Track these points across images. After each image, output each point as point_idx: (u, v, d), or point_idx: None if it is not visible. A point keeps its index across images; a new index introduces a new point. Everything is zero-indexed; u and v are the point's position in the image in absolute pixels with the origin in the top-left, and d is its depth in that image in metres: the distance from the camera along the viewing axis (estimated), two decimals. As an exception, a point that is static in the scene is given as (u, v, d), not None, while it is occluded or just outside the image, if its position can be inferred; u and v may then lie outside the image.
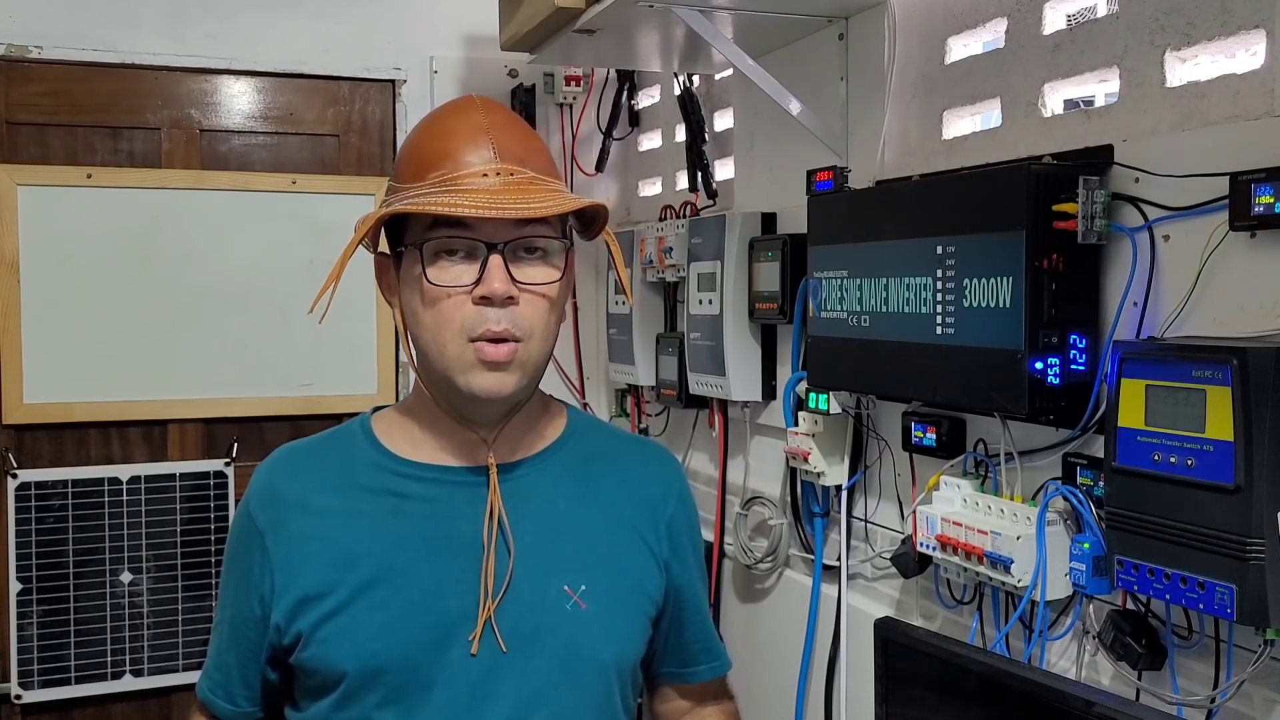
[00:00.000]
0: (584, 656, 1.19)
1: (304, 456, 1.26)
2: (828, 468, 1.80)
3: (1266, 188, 1.09)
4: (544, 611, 1.18)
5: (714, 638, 1.38)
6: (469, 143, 1.14)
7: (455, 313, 1.13)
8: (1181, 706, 1.21)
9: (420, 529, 1.18)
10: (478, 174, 1.12)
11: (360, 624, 1.15)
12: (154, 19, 2.54)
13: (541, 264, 1.17)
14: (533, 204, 1.12)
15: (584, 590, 1.20)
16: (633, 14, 1.79)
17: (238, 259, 2.59)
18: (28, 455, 2.48)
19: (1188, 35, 1.24)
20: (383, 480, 1.21)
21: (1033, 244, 1.28)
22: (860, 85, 1.80)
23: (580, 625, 1.19)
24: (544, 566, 1.19)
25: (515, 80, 2.77)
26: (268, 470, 1.25)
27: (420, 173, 1.14)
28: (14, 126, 2.47)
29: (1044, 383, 1.29)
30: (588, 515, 1.24)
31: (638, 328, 2.43)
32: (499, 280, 1.12)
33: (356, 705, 1.16)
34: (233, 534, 1.26)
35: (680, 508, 1.33)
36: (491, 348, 1.13)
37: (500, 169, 1.13)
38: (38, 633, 2.41)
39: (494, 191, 1.12)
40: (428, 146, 1.16)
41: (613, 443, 1.34)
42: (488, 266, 1.12)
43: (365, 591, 1.16)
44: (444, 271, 1.13)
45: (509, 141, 1.16)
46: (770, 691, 2.05)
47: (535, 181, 1.15)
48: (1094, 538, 1.27)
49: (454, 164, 1.13)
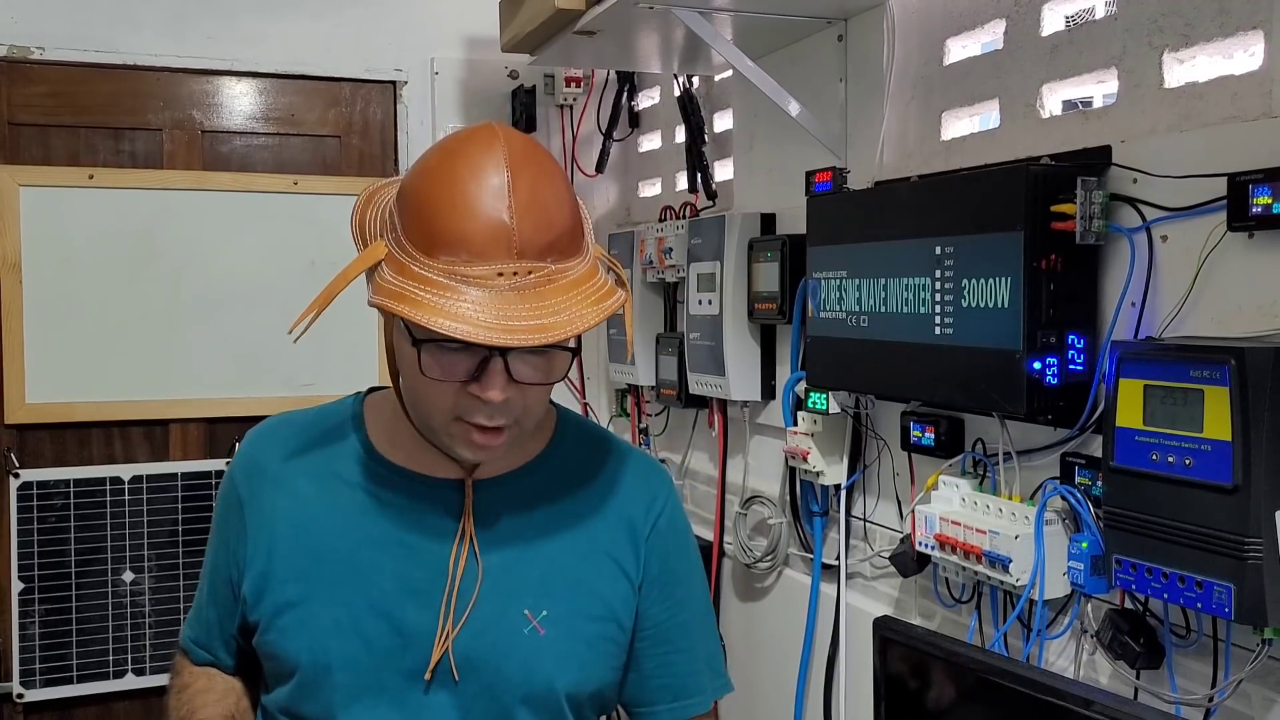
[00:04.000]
0: (536, 683, 1.15)
1: (292, 434, 1.24)
2: (827, 467, 1.80)
3: (1264, 188, 1.10)
4: (499, 635, 1.15)
5: (686, 675, 1.26)
6: (487, 228, 1.03)
7: (448, 399, 1.08)
8: (1180, 705, 1.21)
9: (389, 533, 1.17)
10: (492, 274, 1.02)
11: (317, 616, 1.15)
12: (155, 20, 2.55)
13: (544, 360, 1.10)
14: (546, 319, 1.02)
15: (544, 615, 1.16)
16: (632, 15, 1.79)
17: (239, 260, 2.60)
18: (30, 455, 2.48)
19: (1186, 36, 1.25)
20: (361, 476, 1.20)
21: (1031, 244, 1.29)
22: (859, 86, 1.80)
23: (535, 651, 1.15)
24: (506, 589, 1.16)
25: (515, 81, 2.78)
26: (255, 439, 1.25)
27: (430, 248, 1.04)
28: (16, 127, 2.47)
29: (1042, 382, 1.29)
30: (560, 537, 1.20)
31: (638, 328, 2.43)
32: (497, 387, 1.06)
33: (310, 703, 1.15)
34: (219, 495, 1.27)
35: (667, 529, 1.25)
36: (481, 435, 1.10)
37: (518, 268, 1.03)
38: (39, 632, 2.41)
39: (506, 301, 1.02)
40: (443, 216, 1.04)
41: (599, 456, 1.27)
42: (487, 370, 1.06)
43: (326, 586, 1.15)
44: (439, 364, 1.07)
45: (533, 225, 1.04)
46: (770, 690, 2.05)
47: (554, 278, 1.05)
48: (1092, 537, 1.28)
49: (468, 253, 1.02)
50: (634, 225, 2.58)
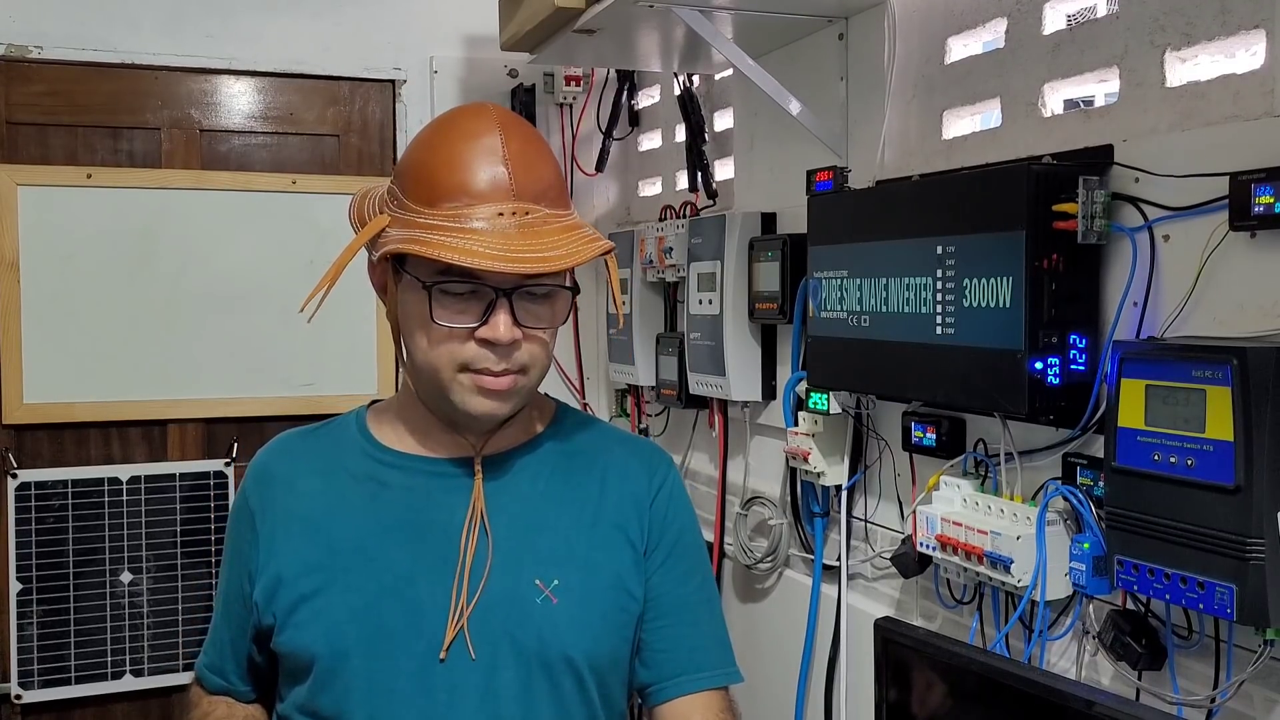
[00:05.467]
0: (553, 652, 1.18)
1: (299, 441, 1.30)
2: (828, 468, 1.80)
3: (1266, 188, 1.09)
4: (513, 605, 1.18)
5: (694, 650, 1.27)
6: (486, 175, 1.13)
7: (456, 348, 1.14)
8: (1181, 706, 1.21)
9: (398, 516, 1.20)
10: (493, 213, 1.11)
11: (333, 606, 1.17)
12: (154, 19, 2.54)
13: (547, 305, 1.17)
14: (547, 253, 1.11)
15: (556, 585, 1.19)
16: (633, 14, 1.79)
17: (238, 259, 2.59)
18: (28, 455, 2.48)
19: (1187, 35, 1.24)
20: (366, 467, 1.23)
21: (1033, 244, 1.28)
22: (860, 85, 1.80)
23: (550, 620, 1.18)
24: (517, 560, 1.19)
25: (515, 80, 2.77)
26: (266, 454, 1.30)
27: (433, 199, 1.13)
28: (14, 126, 2.47)
29: (1044, 382, 1.29)
30: (567, 510, 1.24)
31: (638, 328, 2.43)
32: (504, 326, 1.13)
33: (328, 694, 1.16)
34: (231, 514, 1.31)
35: (669, 499, 1.30)
36: (491, 380, 1.15)
37: (516, 208, 1.12)
38: (38, 633, 2.41)
39: (508, 236, 1.11)
40: (442, 171, 1.14)
41: (601, 439, 1.33)
42: (494, 311, 1.13)
43: (340, 576, 1.18)
44: (447, 309, 1.13)
45: (526, 173, 1.14)
46: (770, 691, 2.05)
47: (549, 221, 1.14)
48: (1094, 537, 1.27)
49: (469, 197, 1.12)
50: (634, 224, 2.58)
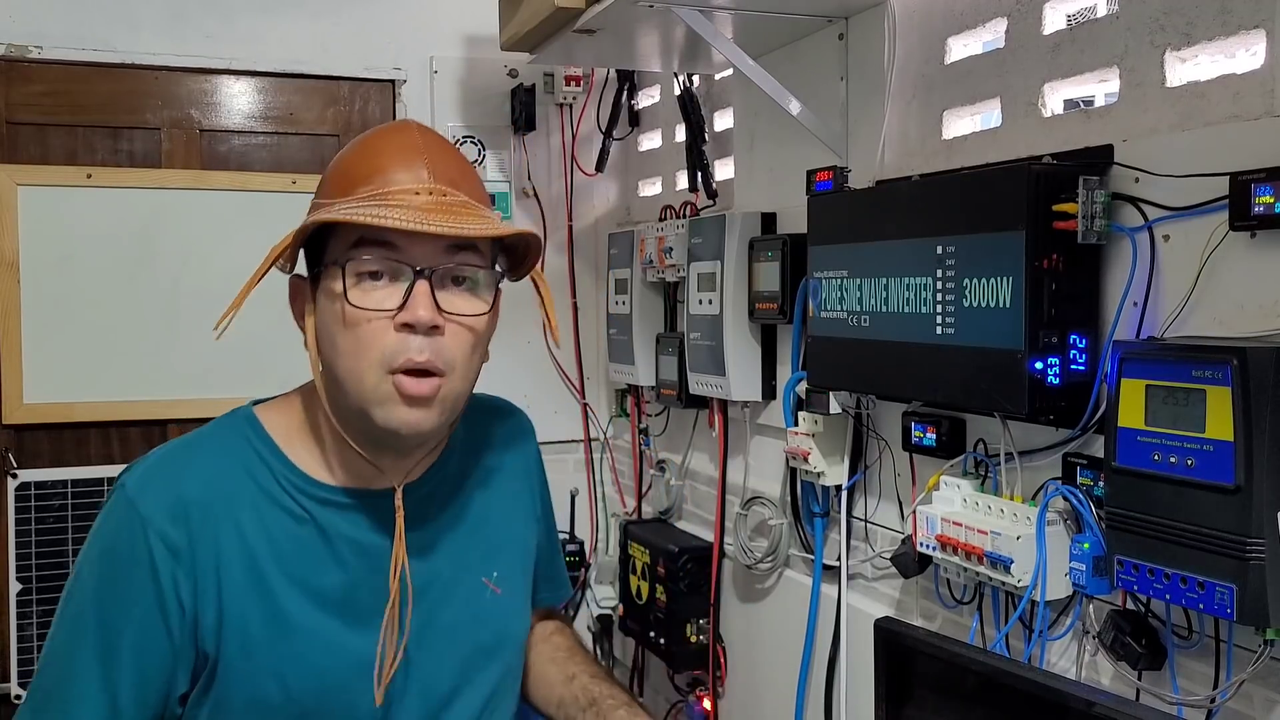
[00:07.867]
0: (509, 635, 1.30)
1: (202, 465, 1.16)
2: (828, 468, 1.80)
3: (1266, 188, 1.09)
4: (464, 608, 1.23)
5: (559, 568, 1.48)
6: (401, 160, 1.10)
7: (376, 340, 1.08)
8: (1181, 706, 1.21)
9: (337, 556, 1.16)
10: (409, 191, 1.08)
11: (283, 653, 1.12)
12: (154, 19, 2.54)
13: (469, 295, 1.13)
14: (465, 226, 1.07)
15: (497, 576, 1.27)
16: (633, 14, 1.78)
17: (238, 259, 2.55)
18: (27, 455, 2.47)
19: (1188, 35, 1.24)
20: (297, 502, 1.16)
21: (1033, 244, 1.28)
22: (860, 85, 1.80)
23: (501, 609, 1.27)
24: (464, 562, 1.24)
25: (515, 80, 2.77)
26: (164, 483, 1.14)
27: (348, 187, 1.10)
28: (14, 126, 2.47)
29: (1044, 383, 1.29)
30: (489, 506, 1.29)
31: (638, 328, 2.43)
32: (424, 307, 1.07)
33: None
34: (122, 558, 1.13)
35: (539, 462, 1.42)
36: (412, 382, 1.08)
37: (434, 188, 1.09)
38: (37, 633, 2.40)
39: (425, 210, 1.07)
40: (358, 161, 1.12)
41: (484, 416, 1.36)
42: (413, 292, 1.07)
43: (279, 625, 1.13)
44: (366, 294, 1.08)
45: (443, 163, 1.12)
46: (770, 691, 2.05)
47: (468, 205, 1.10)
48: (1094, 538, 1.27)
49: (384, 180, 1.08)
50: (634, 225, 2.58)
